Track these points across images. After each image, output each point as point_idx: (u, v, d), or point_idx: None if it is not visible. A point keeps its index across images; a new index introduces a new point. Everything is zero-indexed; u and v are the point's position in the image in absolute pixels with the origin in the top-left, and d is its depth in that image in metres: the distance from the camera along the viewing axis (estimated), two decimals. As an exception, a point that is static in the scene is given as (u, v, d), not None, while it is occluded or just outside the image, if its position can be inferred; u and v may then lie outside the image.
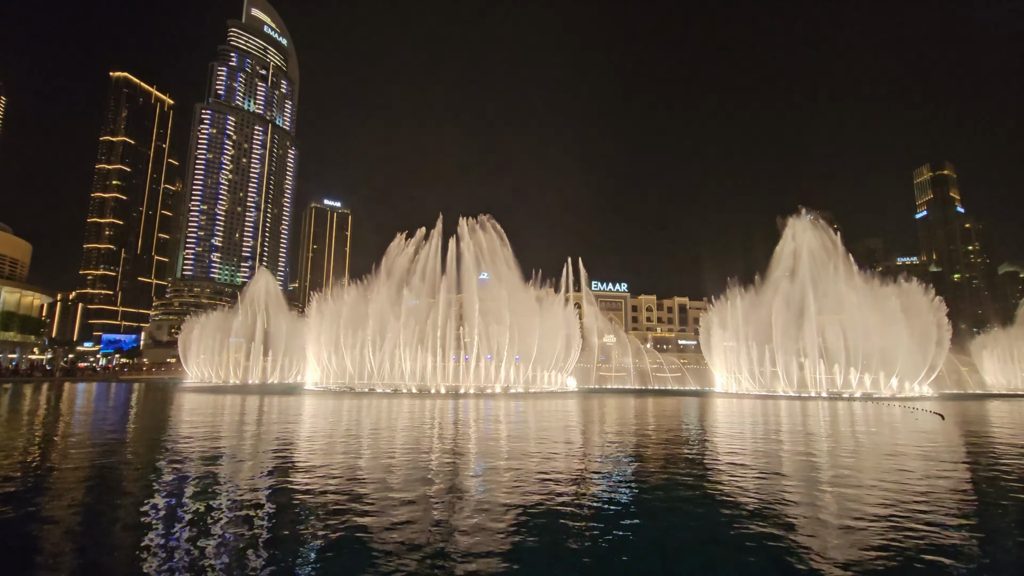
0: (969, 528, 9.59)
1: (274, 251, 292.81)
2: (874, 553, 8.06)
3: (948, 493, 12.16)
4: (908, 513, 10.12)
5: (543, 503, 10.81)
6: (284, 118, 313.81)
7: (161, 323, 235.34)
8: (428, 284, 74.28)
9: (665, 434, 24.07)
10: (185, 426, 25.33)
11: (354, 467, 15.04)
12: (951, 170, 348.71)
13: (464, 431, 24.42)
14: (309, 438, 21.58)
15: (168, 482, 13.01)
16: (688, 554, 8.53)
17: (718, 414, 37.09)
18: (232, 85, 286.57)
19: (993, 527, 9.86)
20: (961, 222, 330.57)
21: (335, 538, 8.67)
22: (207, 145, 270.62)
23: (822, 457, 17.67)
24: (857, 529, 9.26)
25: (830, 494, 11.95)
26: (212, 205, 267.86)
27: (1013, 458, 17.40)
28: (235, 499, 11.21)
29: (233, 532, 9.03)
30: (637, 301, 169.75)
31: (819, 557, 7.92)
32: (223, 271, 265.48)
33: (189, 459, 16.07)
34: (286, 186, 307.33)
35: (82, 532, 9.22)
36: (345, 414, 33.15)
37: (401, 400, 47.98)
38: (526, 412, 35.72)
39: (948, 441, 22.68)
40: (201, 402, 43.24)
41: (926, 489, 12.33)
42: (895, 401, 54.60)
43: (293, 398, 49.53)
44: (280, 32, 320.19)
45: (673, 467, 15.60)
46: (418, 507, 10.50)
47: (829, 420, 32.42)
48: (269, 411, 34.83)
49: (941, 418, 33.72)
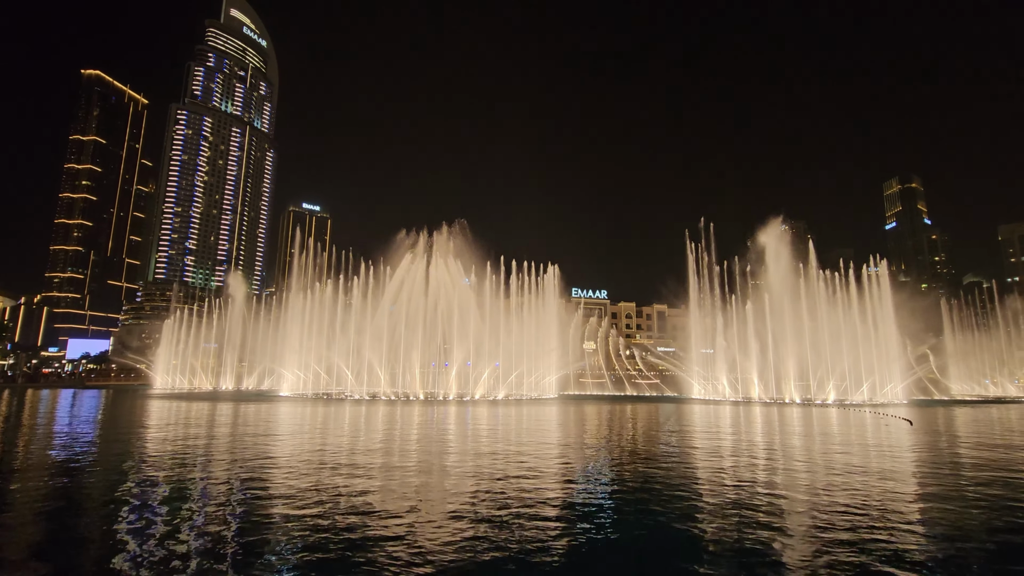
0: (937, 520, 9.76)
1: (250, 255, 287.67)
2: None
3: (915, 489, 12.35)
4: (868, 508, 10.21)
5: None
6: (262, 120, 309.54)
7: (131, 328, 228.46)
8: (406, 292, 73.54)
9: (650, 445, 24.04)
10: (145, 440, 24.46)
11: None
12: (919, 183, 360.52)
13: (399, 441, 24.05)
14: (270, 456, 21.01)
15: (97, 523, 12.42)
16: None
17: (704, 421, 37.32)
18: (209, 86, 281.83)
19: (960, 522, 10.02)
20: (928, 233, 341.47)
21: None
22: (182, 146, 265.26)
23: (806, 462, 17.83)
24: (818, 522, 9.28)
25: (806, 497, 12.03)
26: (187, 207, 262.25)
27: (975, 459, 17.83)
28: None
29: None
30: (617, 308, 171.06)
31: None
32: (197, 275, 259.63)
33: (146, 483, 15.45)
34: (264, 189, 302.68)
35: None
36: (299, 424, 32.46)
37: (376, 407, 47.25)
38: (485, 421, 35.42)
39: (917, 444, 23.17)
40: (168, 411, 41.98)
41: (892, 488, 12.49)
42: (866, 407, 55.75)
43: (263, 405, 48.40)
44: (260, 34, 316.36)
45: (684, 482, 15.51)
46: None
47: (805, 426, 32.87)
48: (234, 420, 33.94)
49: (910, 424, 34.46)
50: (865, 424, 34.71)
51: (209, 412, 39.72)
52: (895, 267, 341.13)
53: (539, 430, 29.10)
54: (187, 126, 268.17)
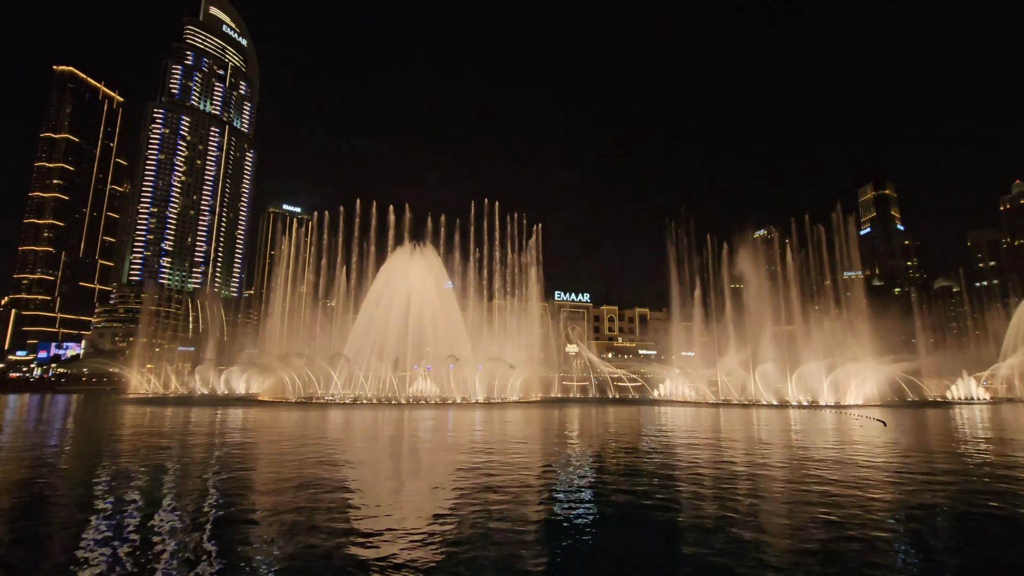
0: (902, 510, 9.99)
1: (229, 256, 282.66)
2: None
3: (887, 482, 12.64)
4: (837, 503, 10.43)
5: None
6: (242, 120, 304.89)
7: (104, 331, 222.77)
8: (387, 297, 72.83)
9: (637, 442, 24.15)
10: (115, 452, 23.83)
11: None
12: (892, 190, 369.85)
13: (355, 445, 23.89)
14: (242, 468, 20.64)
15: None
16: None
17: (683, 423, 37.67)
18: (187, 84, 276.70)
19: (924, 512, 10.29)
20: (901, 239, 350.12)
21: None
22: (159, 145, 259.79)
23: (790, 459, 18.10)
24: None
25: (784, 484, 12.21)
26: (163, 208, 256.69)
27: (946, 454, 18.33)
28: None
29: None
30: (599, 311, 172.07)
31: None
32: (173, 276, 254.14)
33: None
34: (243, 190, 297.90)
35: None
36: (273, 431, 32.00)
37: (352, 412, 46.74)
38: (464, 427, 35.30)
39: (890, 443, 23.70)
40: (137, 418, 41.00)
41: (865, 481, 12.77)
42: (841, 409, 56.86)
43: (238, 411, 47.53)
44: (240, 32, 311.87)
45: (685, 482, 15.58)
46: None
47: (783, 426, 33.40)
48: (198, 427, 33.27)
49: (883, 424, 35.28)
50: (841, 425, 35.42)
51: (183, 418, 38.90)
52: (870, 271, 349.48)
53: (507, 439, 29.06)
54: (164, 125, 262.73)
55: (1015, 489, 14.23)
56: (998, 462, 19.17)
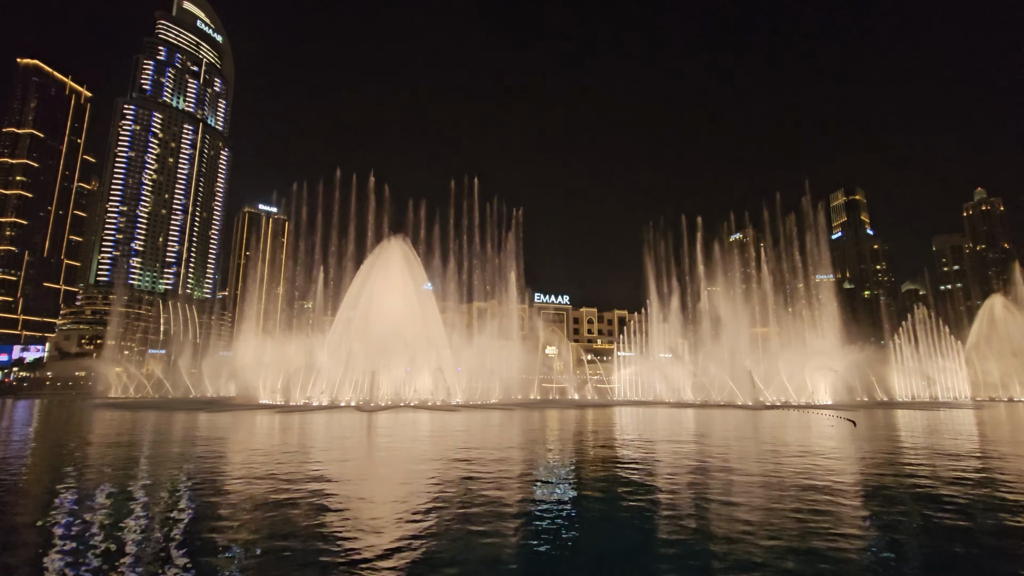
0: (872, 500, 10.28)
1: (202, 257, 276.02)
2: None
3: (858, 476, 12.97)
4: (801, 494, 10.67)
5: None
6: (217, 118, 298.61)
7: (70, 333, 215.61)
8: (364, 300, 72.07)
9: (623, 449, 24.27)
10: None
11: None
12: (862, 195, 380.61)
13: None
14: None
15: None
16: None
17: (666, 426, 38.05)
18: (160, 80, 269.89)
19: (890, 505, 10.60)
20: (870, 243, 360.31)
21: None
22: (129, 142, 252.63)
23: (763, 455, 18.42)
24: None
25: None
26: (133, 206, 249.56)
27: (912, 451, 18.92)
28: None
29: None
30: (579, 313, 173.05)
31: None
32: (144, 278, 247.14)
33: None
34: (217, 189, 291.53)
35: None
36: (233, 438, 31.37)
37: (331, 415, 46.11)
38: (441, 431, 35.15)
39: (861, 441, 24.35)
40: (95, 424, 39.75)
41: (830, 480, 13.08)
42: (813, 409, 58.22)
43: (211, 416, 46.47)
44: (215, 28, 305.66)
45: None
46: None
47: (756, 426, 34.02)
48: (165, 436, 32.43)
49: (853, 424, 36.21)
50: (813, 424, 36.23)
51: (151, 425, 37.87)
52: (840, 274, 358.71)
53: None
54: (135, 121, 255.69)
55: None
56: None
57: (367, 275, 73.08)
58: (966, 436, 29.01)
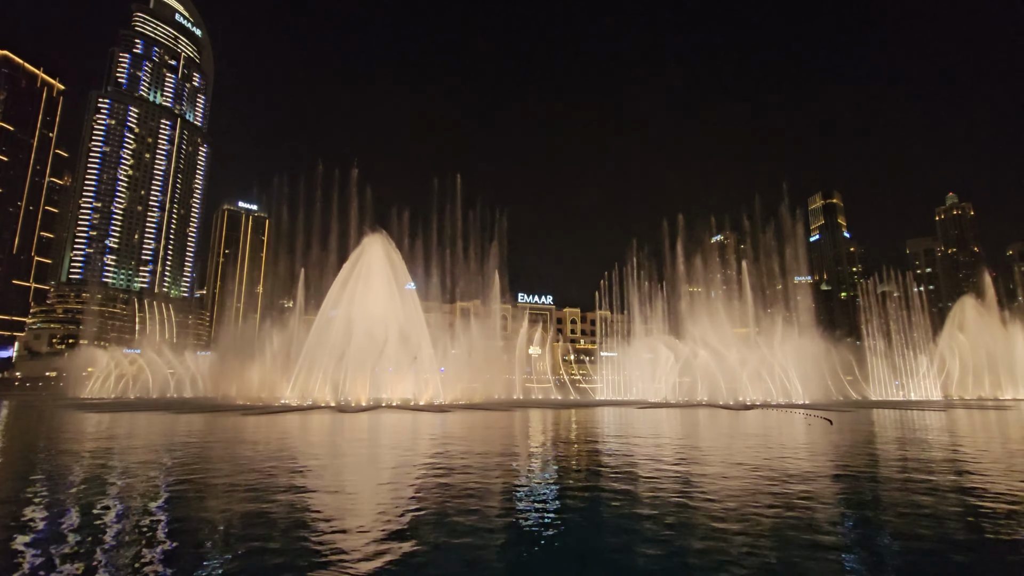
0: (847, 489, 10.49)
1: (179, 255, 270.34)
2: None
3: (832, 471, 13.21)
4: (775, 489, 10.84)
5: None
6: (196, 113, 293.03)
7: (40, 332, 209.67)
8: (345, 299, 71.21)
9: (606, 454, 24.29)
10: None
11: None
12: (839, 199, 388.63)
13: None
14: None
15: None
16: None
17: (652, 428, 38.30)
18: (136, 74, 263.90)
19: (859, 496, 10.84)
20: (847, 246, 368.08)
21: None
22: (104, 137, 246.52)
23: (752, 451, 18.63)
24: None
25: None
26: (108, 203, 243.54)
27: (886, 446, 19.37)
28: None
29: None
30: (562, 313, 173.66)
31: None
32: (118, 276, 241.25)
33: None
34: (196, 185, 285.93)
35: None
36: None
37: (308, 417, 45.53)
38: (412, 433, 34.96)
39: (836, 438, 24.84)
40: (62, 428, 38.67)
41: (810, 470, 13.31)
42: (791, 409, 59.26)
43: (189, 418, 45.53)
44: (194, 22, 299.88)
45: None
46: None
47: (732, 425, 34.48)
48: (133, 438, 31.70)
49: (830, 423, 36.99)
50: (792, 423, 36.88)
51: (125, 427, 36.97)
52: (818, 276, 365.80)
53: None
54: (110, 115, 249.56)
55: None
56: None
57: (349, 274, 72.32)
58: (931, 433, 29.79)
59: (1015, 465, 18.43)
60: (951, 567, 8.54)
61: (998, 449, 23.01)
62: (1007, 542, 9.63)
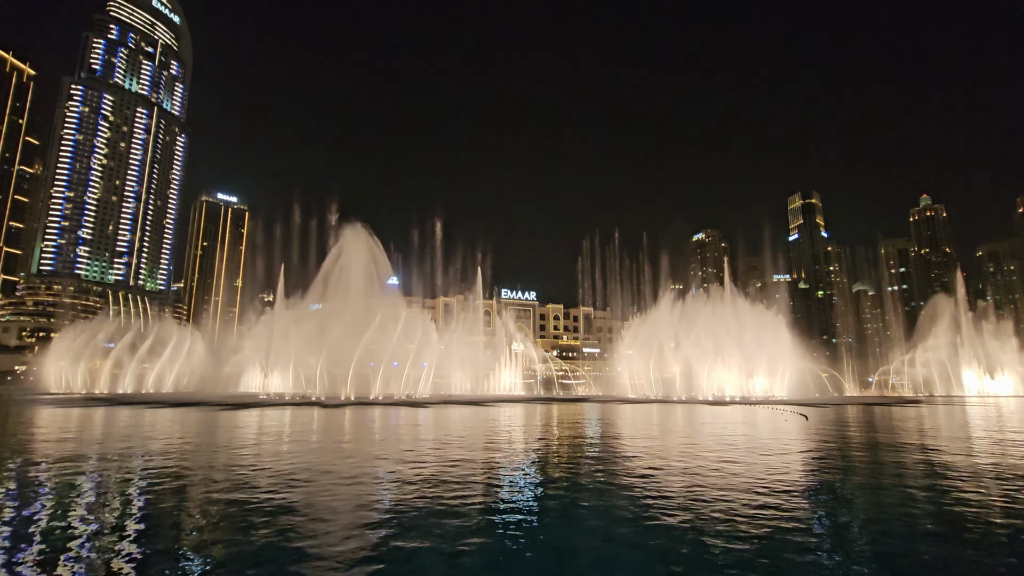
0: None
1: (155, 247, 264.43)
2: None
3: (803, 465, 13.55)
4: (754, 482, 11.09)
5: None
6: (173, 102, 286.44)
7: (9, 325, 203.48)
8: (328, 296, 70.56)
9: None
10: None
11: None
12: (818, 199, 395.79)
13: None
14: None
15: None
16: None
17: (630, 421, 38.68)
18: (111, 60, 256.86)
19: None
20: (825, 245, 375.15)
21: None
22: (77, 125, 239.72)
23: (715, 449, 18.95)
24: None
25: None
26: (81, 192, 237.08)
27: (857, 438, 19.92)
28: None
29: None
30: (545, 310, 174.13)
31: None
32: (92, 268, 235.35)
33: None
34: (173, 176, 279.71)
35: None
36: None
37: (293, 412, 45.07)
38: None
39: (811, 433, 25.42)
40: (34, 422, 37.74)
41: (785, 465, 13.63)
42: (767, 404, 60.38)
43: (164, 412, 44.73)
44: (172, 8, 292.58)
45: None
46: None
47: (722, 420, 35.05)
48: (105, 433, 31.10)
49: (805, 418, 37.83)
50: (768, 418, 37.62)
51: (94, 421, 36.19)
52: (796, 275, 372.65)
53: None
54: (83, 103, 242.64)
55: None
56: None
57: (331, 267, 71.63)
58: (904, 425, 30.66)
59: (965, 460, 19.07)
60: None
61: (961, 444, 23.79)
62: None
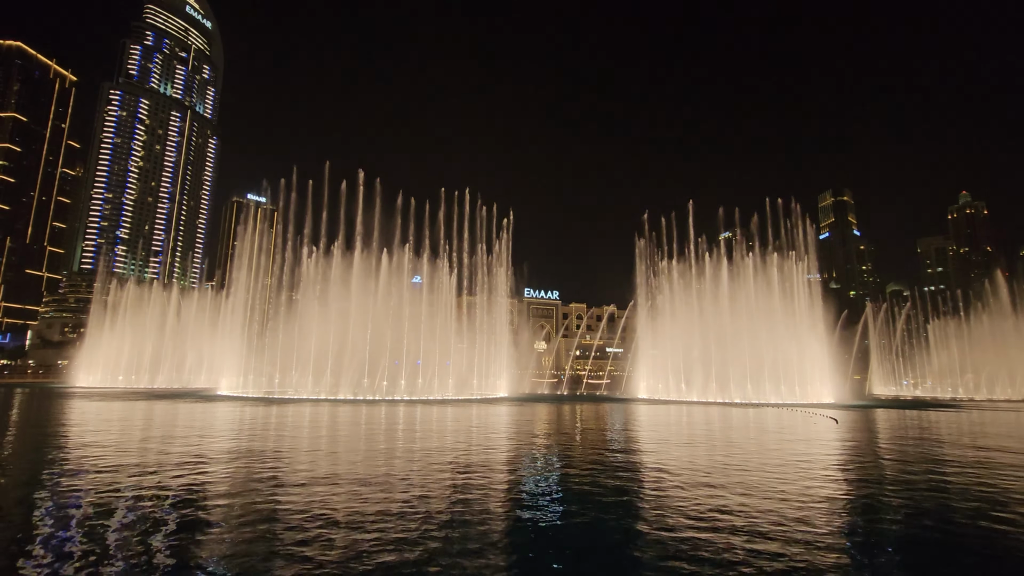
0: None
1: (189, 246, 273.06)
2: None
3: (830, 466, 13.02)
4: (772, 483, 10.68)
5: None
6: (205, 105, 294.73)
7: (52, 321, 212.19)
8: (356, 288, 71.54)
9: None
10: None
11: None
12: (850, 197, 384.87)
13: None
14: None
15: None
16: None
17: (652, 423, 38.14)
18: (147, 66, 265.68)
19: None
20: (857, 244, 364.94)
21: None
22: (115, 128, 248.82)
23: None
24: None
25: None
26: (119, 193, 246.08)
27: (886, 444, 19.15)
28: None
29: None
30: (568, 309, 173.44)
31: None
32: (128, 266, 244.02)
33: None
34: (205, 177, 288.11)
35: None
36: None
37: (322, 408, 45.73)
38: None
39: (837, 438, 24.59)
40: (87, 414, 39.07)
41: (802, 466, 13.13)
42: (799, 407, 58.76)
43: (194, 406, 45.90)
44: (204, 14, 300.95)
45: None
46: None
47: (749, 422, 34.26)
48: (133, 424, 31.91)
49: (835, 422, 36.73)
50: (799, 422, 36.61)
51: (117, 412, 37.30)
52: (827, 274, 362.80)
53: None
54: (121, 107, 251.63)
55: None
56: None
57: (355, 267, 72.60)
58: (937, 430, 29.42)
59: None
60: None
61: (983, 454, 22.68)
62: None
